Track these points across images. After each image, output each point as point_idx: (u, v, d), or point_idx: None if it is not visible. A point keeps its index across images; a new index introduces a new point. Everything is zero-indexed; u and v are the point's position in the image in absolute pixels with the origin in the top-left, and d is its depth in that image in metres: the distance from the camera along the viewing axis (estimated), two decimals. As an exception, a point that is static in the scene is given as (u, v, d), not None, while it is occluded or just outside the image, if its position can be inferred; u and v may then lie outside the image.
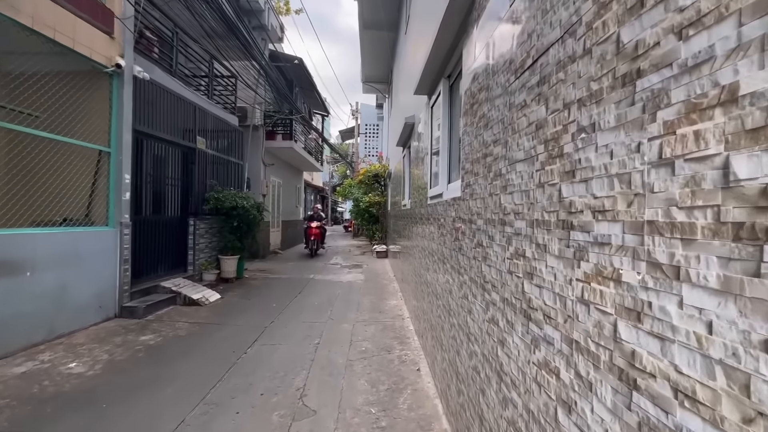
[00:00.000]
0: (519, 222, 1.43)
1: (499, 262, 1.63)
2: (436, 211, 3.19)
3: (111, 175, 4.65)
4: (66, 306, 4.01)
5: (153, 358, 3.56)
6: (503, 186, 1.58)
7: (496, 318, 1.66)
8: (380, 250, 11.21)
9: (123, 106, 4.72)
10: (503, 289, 1.58)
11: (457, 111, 2.86)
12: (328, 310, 5.36)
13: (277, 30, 9.59)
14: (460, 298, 2.27)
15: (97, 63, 4.37)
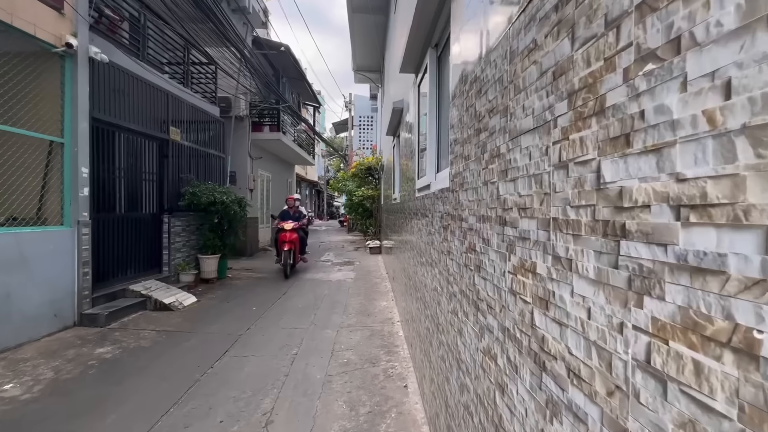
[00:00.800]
0: (526, 221, 0.99)
1: (497, 276, 1.19)
2: (423, 206, 2.76)
3: (65, 168, 4.18)
4: (10, 317, 3.56)
5: (105, 375, 3.13)
6: (502, 171, 1.14)
7: (493, 351, 1.22)
8: (373, 246, 10.78)
9: (78, 92, 4.23)
10: (503, 315, 1.14)
11: (446, 89, 2.42)
12: (312, 313, 4.94)
13: (260, 14, 9.03)
14: (449, 312, 1.85)
15: (43, 42, 3.87)
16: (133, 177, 5.75)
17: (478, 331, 1.39)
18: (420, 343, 2.81)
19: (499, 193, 1.17)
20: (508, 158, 1.10)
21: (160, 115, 5.92)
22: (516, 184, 1.05)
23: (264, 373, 3.18)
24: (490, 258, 1.27)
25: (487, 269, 1.30)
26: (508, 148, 1.09)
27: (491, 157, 1.23)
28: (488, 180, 1.27)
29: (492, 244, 1.25)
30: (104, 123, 4.79)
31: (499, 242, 1.19)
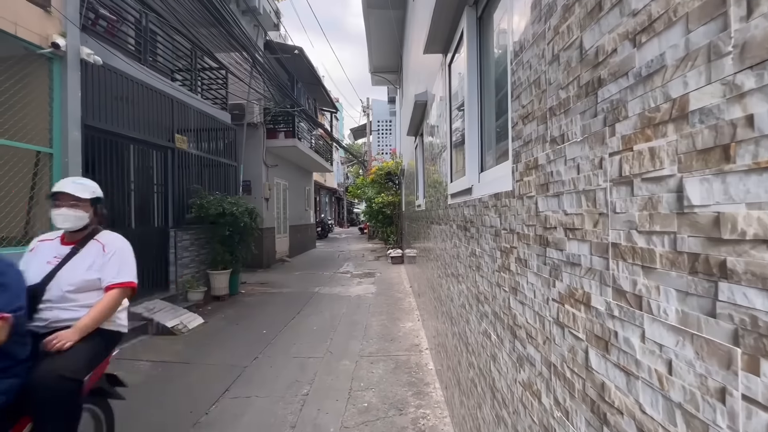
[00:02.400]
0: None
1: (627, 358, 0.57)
2: (461, 216, 2.13)
3: (55, 181, 3.78)
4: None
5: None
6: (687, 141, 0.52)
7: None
8: (395, 255, 10.16)
9: (67, 97, 3.84)
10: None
11: (490, 58, 1.80)
12: (327, 338, 4.35)
13: (271, 15, 8.67)
14: (507, 366, 1.21)
15: (26, 42, 3.50)
16: (136, 189, 5.38)
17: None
18: (458, 388, 2.16)
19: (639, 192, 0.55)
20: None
21: (165, 123, 5.53)
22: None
23: (267, 423, 2.61)
24: (597, 312, 0.64)
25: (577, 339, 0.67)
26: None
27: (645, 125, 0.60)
28: (642, 172, 0.64)
29: (605, 284, 0.62)
30: (100, 131, 4.40)
31: (628, 284, 0.57)
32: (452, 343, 2.48)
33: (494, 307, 1.48)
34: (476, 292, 1.79)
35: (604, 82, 0.70)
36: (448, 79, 2.55)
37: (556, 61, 0.90)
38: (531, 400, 1.08)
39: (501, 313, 1.39)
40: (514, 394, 1.24)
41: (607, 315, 0.70)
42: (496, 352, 1.45)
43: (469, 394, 1.94)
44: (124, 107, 4.76)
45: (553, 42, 0.92)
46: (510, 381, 1.28)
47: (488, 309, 1.57)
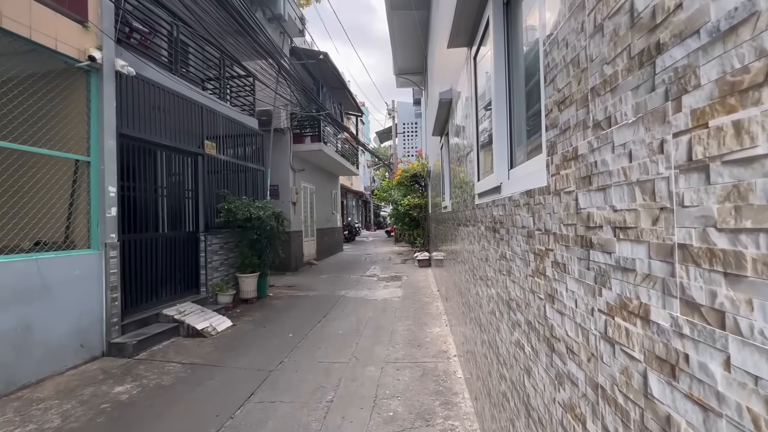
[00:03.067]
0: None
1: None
2: (489, 217, 1.99)
3: (92, 188, 3.95)
4: (31, 349, 3.29)
5: (113, 425, 2.69)
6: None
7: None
8: (422, 258, 9.99)
9: (104, 107, 4.01)
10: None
11: (518, 47, 1.66)
12: (353, 342, 4.28)
13: (296, 21, 8.79)
14: (545, 383, 1.07)
15: (65, 56, 3.68)
16: (167, 194, 5.56)
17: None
18: (489, 399, 2.02)
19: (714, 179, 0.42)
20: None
21: (195, 130, 5.70)
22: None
23: (291, 430, 2.55)
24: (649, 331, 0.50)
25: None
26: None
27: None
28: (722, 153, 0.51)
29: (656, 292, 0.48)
30: (134, 139, 4.57)
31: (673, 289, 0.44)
32: (482, 351, 2.33)
33: (528, 316, 1.34)
34: (507, 298, 1.65)
35: (665, 47, 0.57)
36: (474, 73, 2.42)
37: (599, 32, 0.77)
38: (574, 424, 0.95)
39: (536, 323, 1.25)
40: (552, 415, 1.10)
41: (673, 333, 0.57)
42: (530, 365, 1.31)
43: (501, 408, 1.80)
44: (156, 116, 4.93)
45: (596, 11, 0.79)
46: (548, 400, 1.14)
47: (521, 317, 1.43)
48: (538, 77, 1.38)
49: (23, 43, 3.36)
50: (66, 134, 3.86)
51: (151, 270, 4.89)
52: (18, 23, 3.26)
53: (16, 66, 3.68)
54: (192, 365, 3.75)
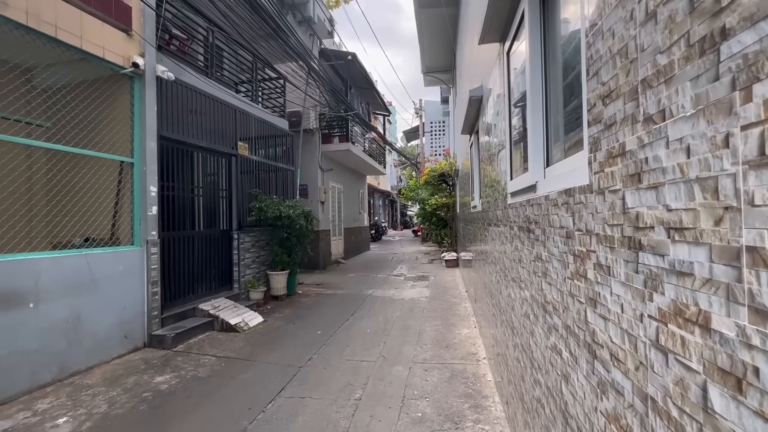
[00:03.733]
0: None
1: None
2: (523, 217, 1.93)
3: (135, 188, 4.17)
4: (81, 339, 3.52)
5: (154, 413, 2.83)
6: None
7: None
8: (449, 259, 9.88)
9: (146, 111, 4.23)
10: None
11: (555, 41, 1.60)
12: (381, 341, 4.29)
13: (325, 23, 8.91)
14: (584, 381, 1.02)
15: (111, 63, 3.90)
16: (203, 194, 5.78)
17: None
18: (521, 404, 1.95)
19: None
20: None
21: (229, 131, 5.90)
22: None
23: (320, 427, 2.59)
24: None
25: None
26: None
27: None
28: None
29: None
30: (173, 141, 4.79)
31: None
32: (514, 355, 2.27)
33: (566, 320, 1.29)
34: (542, 301, 1.59)
35: (732, 32, 0.53)
36: (507, 69, 2.35)
37: (652, 19, 0.72)
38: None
39: (575, 328, 1.20)
40: (594, 425, 1.05)
41: (739, 343, 0.53)
42: (569, 371, 1.26)
43: (536, 414, 1.74)
44: (193, 118, 5.14)
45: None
46: (588, 408, 1.09)
47: (558, 321, 1.38)
48: (577, 71, 1.32)
49: (75, 52, 3.59)
50: (112, 137, 4.09)
51: (187, 266, 5.11)
52: (71, 34, 3.49)
53: (69, 74, 3.95)
54: (226, 359, 3.88)
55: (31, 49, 3.45)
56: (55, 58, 3.74)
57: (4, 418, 2.76)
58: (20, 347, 3.06)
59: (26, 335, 3.11)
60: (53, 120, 3.87)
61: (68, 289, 3.44)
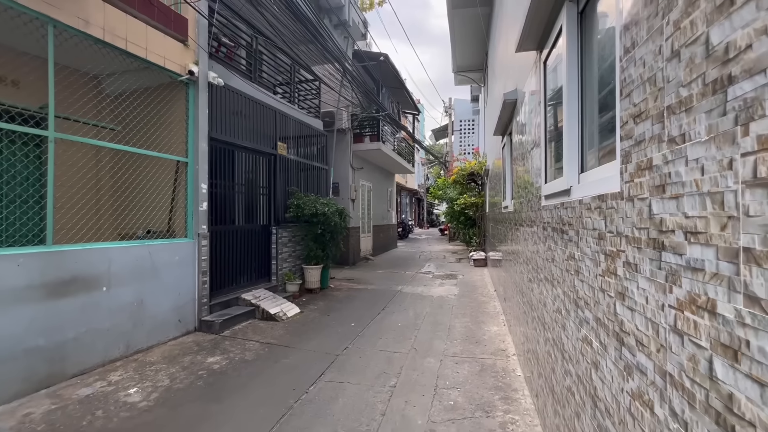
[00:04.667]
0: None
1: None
2: (556, 218, 2.05)
3: (189, 185, 4.56)
4: (143, 321, 3.93)
5: (210, 389, 3.15)
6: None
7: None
8: (478, 258, 9.92)
9: (198, 115, 4.60)
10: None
11: (592, 53, 1.72)
12: (412, 335, 4.48)
13: (359, 26, 9.15)
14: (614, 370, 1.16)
15: (171, 72, 4.29)
16: (246, 191, 6.16)
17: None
18: (552, 396, 2.09)
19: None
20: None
21: (269, 132, 6.24)
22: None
23: (359, 408, 2.81)
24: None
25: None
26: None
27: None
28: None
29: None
30: (219, 142, 5.16)
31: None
32: (545, 349, 2.39)
33: (596, 313, 1.42)
34: (574, 297, 1.73)
35: (736, 80, 0.67)
36: (543, 77, 2.47)
37: (676, 57, 0.87)
38: (641, 410, 1.04)
39: (605, 320, 1.34)
40: (620, 403, 1.19)
41: (736, 323, 0.67)
42: (598, 359, 1.40)
43: (565, 403, 1.87)
44: (237, 120, 5.50)
45: (673, 38, 0.88)
46: (615, 390, 1.23)
47: (589, 315, 1.51)
48: (611, 87, 1.45)
49: (141, 62, 3.98)
50: (169, 139, 4.49)
51: (231, 258, 5.49)
52: (138, 46, 3.87)
53: (133, 82, 4.37)
54: (269, 344, 4.19)
55: (105, 61, 3.86)
56: (122, 67, 4.15)
57: (85, 385, 3.16)
58: (95, 325, 3.47)
59: (100, 315, 3.52)
60: (118, 122, 4.30)
61: (134, 275, 3.84)
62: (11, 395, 2.87)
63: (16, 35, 3.43)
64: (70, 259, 3.28)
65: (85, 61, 3.95)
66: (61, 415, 2.72)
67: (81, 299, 3.36)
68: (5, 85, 4.04)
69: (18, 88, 4.12)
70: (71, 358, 3.28)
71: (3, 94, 3.97)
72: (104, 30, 3.55)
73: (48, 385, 3.10)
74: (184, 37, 4.46)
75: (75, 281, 3.32)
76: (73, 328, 3.29)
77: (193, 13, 4.59)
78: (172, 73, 4.31)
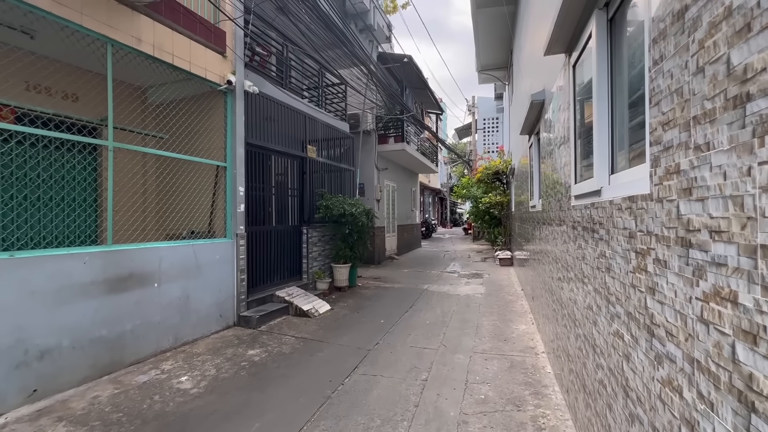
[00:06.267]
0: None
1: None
2: (587, 218, 2.12)
3: (227, 188, 4.84)
4: (189, 315, 4.22)
5: (253, 378, 3.37)
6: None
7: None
8: (504, 257, 9.87)
9: (236, 121, 4.87)
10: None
11: (623, 59, 1.79)
12: (440, 332, 4.59)
13: (384, 29, 9.31)
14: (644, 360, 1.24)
15: (211, 82, 4.57)
16: (279, 193, 6.43)
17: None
18: (584, 391, 2.16)
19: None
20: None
21: (299, 136, 6.49)
22: None
23: (393, 400, 2.96)
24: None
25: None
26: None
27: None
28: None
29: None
30: (254, 146, 5.43)
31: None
32: (576, 345, 2.46)
33: (628, 308, 1.50)
34: (606, 293, 1.80)
35: (753, 97, 0.76)
36: (572, 81, 2.53)
37: (701, 73, 0.95)
38: (671, 395, 1.13)
39: (636, 314, 1.42)
40: (651, 391, 1.27)
41: (755, 311, 0.77)
42: (629, 351, 1.48)
43: (597, 396, 1.95)
44: (270, 125, 5.76)
45: (698, 55, 0.97)
46: (646, 379, 1.31)
47: (620, 310, 1.59)
48: (641, 93, 1.52)
49: (185, 74, 4.28)
50: (209, 145, 4.79)
51: (265, 257, 5.76)
52: (182, 60, 4.17)
53: (176, 92, 4.68)
54: (303, 339, 4.40)
55: (153, 74, 4.18)
56: (167, 79, 4.47)
57: (141, 373, 3.46)
58: (149, 318, 3.78)
59: (152, 309, 3.82)
60: (162, 130, 4.62)
61: (181, 272, 4.14)
62: (80, 380, 3.19)
63: (79, 54, 3.78)
64: (127, 258, 3.59)
65: (135, 75, 4.28)
66: (124, 398, 3.01)
67: (136, 294, 3.67)
68: (65, 99, 4.44)
69: (76, 101, 4.51)
70: (129, 348, 3.59)
71: (63, 107, 4.37)
72: (154, 46, 3.85)
73: (110, 372, 3.42)
74: (223, 48, 4.74)
75: (131, 278, 3.63)
76: (130, 320, 3.61)
77: (230, 25, 4.87)
78: (212, 83, 4.60)
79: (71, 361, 3.13)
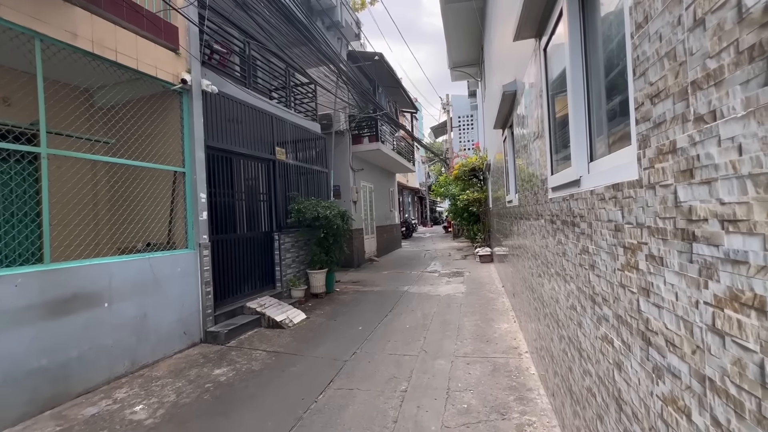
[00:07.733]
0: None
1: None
2: (566, 211, 1.96)
3: (187, 195, 4.50)
4: (148, 335, 3.86)
5: (217, 402, 3.07)
6: None
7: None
8: (483, 254, 9.81)
9: (194, 123, 4.54)
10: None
11: (596, 36, 1.63)
12: (421, 336, 4.39)
13: (352, 26, 9.08)
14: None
15: (163, 81, 4.22)
16: (246, 198, 6.09)
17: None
18: (570, 396, 1.99)
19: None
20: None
21: (267, 138, 6.18)
22: None
23: (370, 416, 2.73)
24: None
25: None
26: None
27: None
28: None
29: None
30: (217, 150, 5.10)
31: None
32: (559, 347, 2.30)
33: (617, 310, 1.33)
34: (590, 293, 1.63)
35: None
36: (544, 65, 2.37)
37: (700, 26, 0.78)
38: (676, 417, 0.95)
39: (627, 317, 1.24)
40: (649, 408, 1.10)
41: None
42: (621, 360, 1.31)
43: (586, 404, 1.78)
44: (233, 127, 5.44)
45: (695, 5, 0.79)
46: (643, 394, 1.14)
47: (608, 312, 1.42)
48: (620, 69, 1.36)
49: (132, 73, 3.92)
50: (165, 149, 4.43)
51: (234, 267, 5.42)
52: (128, 57, 3.81)
53: (125, 93, 4.30)
54: (276, 353, 4.12)
55: (96, 73, 3.80)
56: (113, 79, 4.09)
57: (90, 404, 3.10)
58: (99, 342, 3.41)
59: (103, 332, 3.46)
60: (111, 135, 4.24)
61: (136, 289, 3.78)
62: (15, 418, 2.81)
63: (4, 52, 3.38)
64: (69, 277, 3.22)
65: (75, 74, 3.89)
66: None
67: (83, 316, 3.30)
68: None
69: (9, 106, 4.07)
70: (75, 377, 3.22)
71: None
72: (93, 42, 3.49)
73: (53, 405, 3.04)
74: (175, 45, 4.40)
75: (76, 298, 3.26)
76: (76, 346, 3.23)
77: (183, 21, 4.53)
78: (164, 82, 4.25)
79: (3, 398, 2.75)
